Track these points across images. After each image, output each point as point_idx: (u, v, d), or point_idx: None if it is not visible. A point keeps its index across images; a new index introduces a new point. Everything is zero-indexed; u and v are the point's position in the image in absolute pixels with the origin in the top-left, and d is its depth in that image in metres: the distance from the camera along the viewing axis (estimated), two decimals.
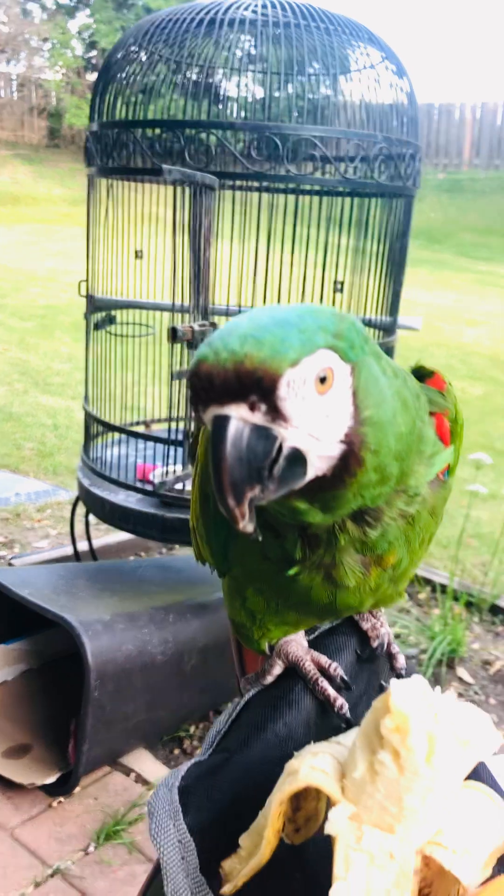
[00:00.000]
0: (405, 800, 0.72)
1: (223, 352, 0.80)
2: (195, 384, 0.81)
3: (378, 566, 0.99)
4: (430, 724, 0.72)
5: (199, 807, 0.92)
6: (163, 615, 3.58)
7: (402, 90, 3.55)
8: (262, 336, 0.80)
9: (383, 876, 0.71)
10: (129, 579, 3.97)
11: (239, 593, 1.10)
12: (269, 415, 0.80)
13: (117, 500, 3.64)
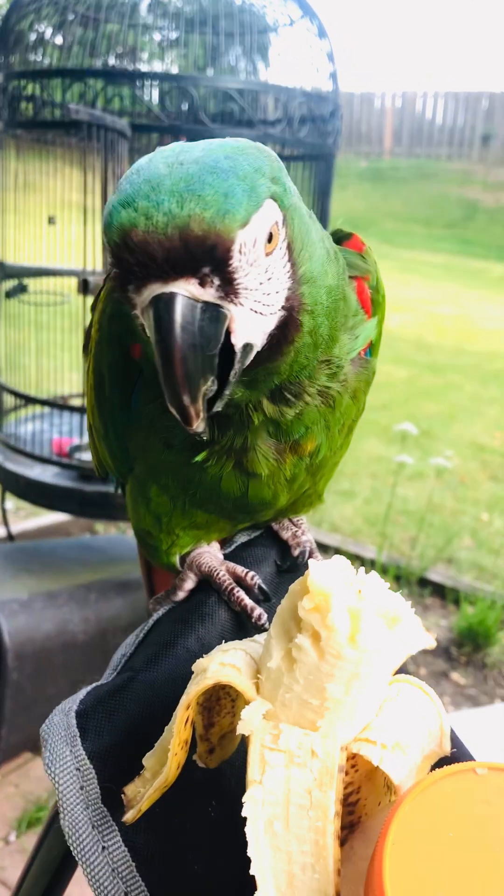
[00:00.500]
0: (327, 689, 0.62)
1: (158, 214, 0.64)
2: (124, 258, 0.66)
3: (294, 453, 0.90)
4: (352, 600, 0.62)
5: (99, 730, 0.81)
6: (84, 594, 3.45)
7: (322, 50, 3.47)
8: (202, 191, 0.65)
9: (304, 775, 0.62)
10: (48, 559, 3.81)
11: (143, 495, 0.99)
12: (222, 290, 0.68)
13: (33, 474, 3.47)
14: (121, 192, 0.67)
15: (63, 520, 5.08)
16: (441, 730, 0.71)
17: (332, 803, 0.61)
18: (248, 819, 0.61)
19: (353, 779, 0.67)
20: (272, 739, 0.63)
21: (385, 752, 0.64)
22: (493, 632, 4.09)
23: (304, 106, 3.23)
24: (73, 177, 3.54)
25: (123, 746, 0.80)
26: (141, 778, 0.73)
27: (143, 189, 0.66)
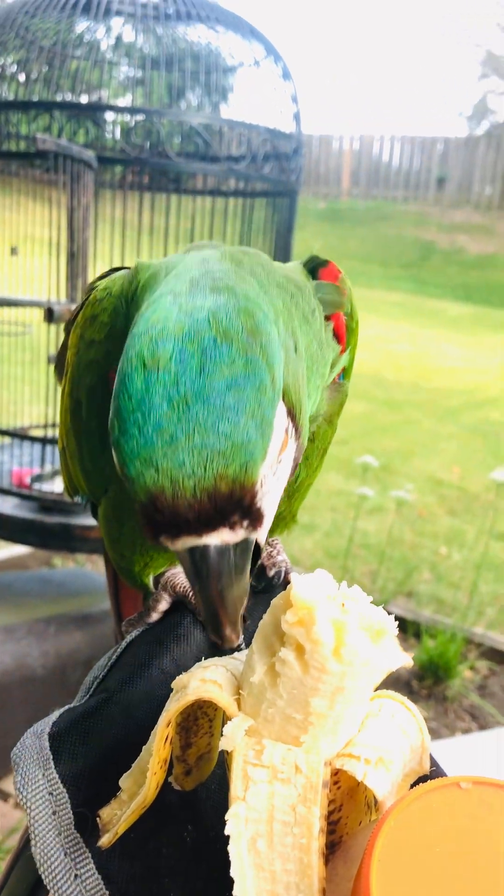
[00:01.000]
0: (311, 703, 0.62)
1: (183, 478, 0.63)
2: (155, 520, 0.65)
3: None
4: (336, 613, 0.62)
5: (73, 753, 0.79)
6: (43, 627, 3.39)
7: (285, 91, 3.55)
8: (221, 445, 0.62)
9: (288, 791, 0.61)
10: (5, 593, 3.74)
11: (117, 518, 0.98)
12: (250, 525, 0.68)
13: None
14: (131, 440, 0.65)
15: (20, 553, 4.99)
16: (422, 746, 0.70)
17: (317, 819, 0.60)
18: (231, 837, 0.60)
19: (336, 796, 0.66)
20: (255, 755, 0.62)
21: (369, 768, 0.63)
22: (454, 664, 4.10)
23: (268, 143, 3.29)
24: (37, 210, 3.55)
25: (98, 769, 0.78)
26: (117, 800, 0.71)
27: (157, 444, 0.64)
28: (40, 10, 3.14)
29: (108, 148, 3.28)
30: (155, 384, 0.65)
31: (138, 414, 0.65)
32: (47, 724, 0.83)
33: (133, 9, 3.23)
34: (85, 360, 0.94)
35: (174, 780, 0.76)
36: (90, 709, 0.83)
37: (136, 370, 0.66)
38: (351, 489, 6.32)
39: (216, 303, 0.68)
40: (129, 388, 0.66)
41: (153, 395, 0.64)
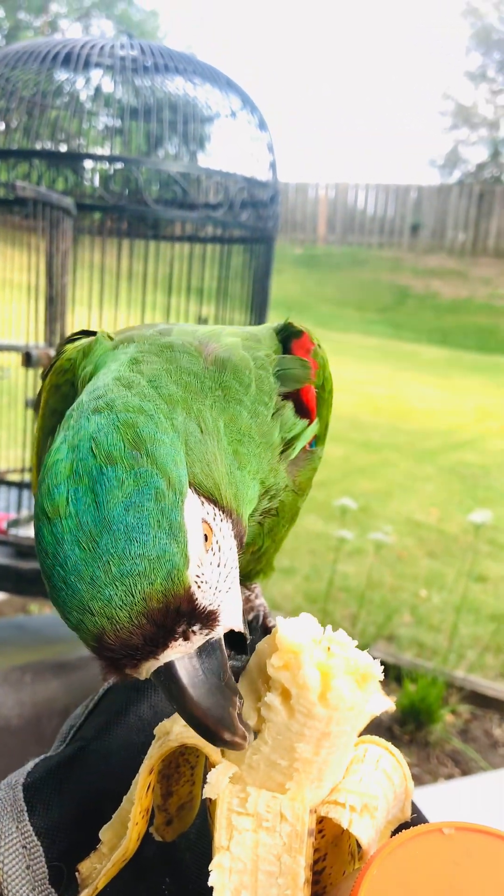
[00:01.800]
0: (297, 749, 0.61)
1: (117, 611, 0.62)
2: (107, 656, 0.64)
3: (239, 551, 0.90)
4: (322, 657, 0.62)
5: (48, 804, 0.77)
6: (18, 675, 3.32)
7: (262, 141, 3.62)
8: (137, 567, 0.62)
9: (273, 840, 0.60)
10: None
11: None
12: (205, 625, 0.66)
13: None
14: (60, 593, 0.65)
15: None
16: (406, 792, 0.69)
17: (302, 869, 0.59)
18: (215, 889, 0.58)
19: (320, 845, 0.65)
20: (239, 803, 0.61)
21: (354, 815, 0.62)
22: (436, 709, 4.07)
23: (245, 191, 3.35)
24: (15, 256, 3.57)
25: (74, 820, 0.76)
26: (97, 853, 0.69)
27: (81, 590, 0.63)
28: (21, 62, 3.19)
29: (87, 195, 3.32)
30: (62, 533, 0.64)
31: (57, 568, 0.64)
32: (22, 774, 0.81)
33: (112, 61, 3.29)
34: (49, 426, 0.95)
35: (155, 831, 0.74)
36: (66, 758, 0.81)
37: (44, 524, 0.66)
38: (330, 532, 6.32)
39: (97, 425, 0.68)
40: (44, 545, 0.66)
41: (64, 545, 0.64)
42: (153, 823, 0.74)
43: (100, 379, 0.76)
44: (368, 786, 0.65)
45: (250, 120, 3.58)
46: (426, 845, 0.62)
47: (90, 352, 0.88)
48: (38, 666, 3.43)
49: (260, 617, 1.03)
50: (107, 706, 0.88)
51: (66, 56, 3.15)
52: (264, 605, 1.04)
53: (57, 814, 0.76)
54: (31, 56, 3.14)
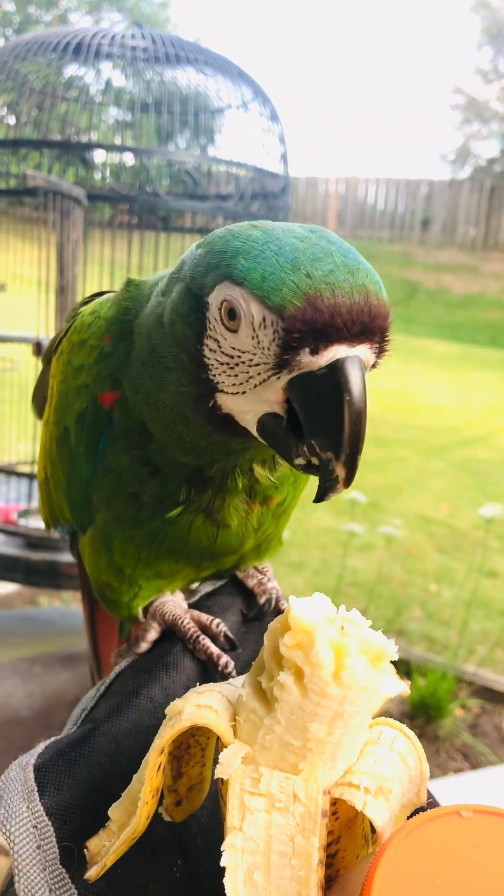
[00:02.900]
0: (310, 729, 0.60)
1: (341, 282, 0.68)
2: (310, 320, 0.68)
3: (264, 505, 0.93)
4: (335, 636, 0.61)
5: (58, 785, 0.76)
6: (28, 667, 3.33)
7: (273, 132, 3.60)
8: (362, 264, 0.72)
9: (286, 821, 0.59)
10: None
11: (105, 546, 0.96)
12: (379, 354, 0.73)
13: None
14: (268, 258, 0.71)
15: (5, 592, 4.94)
16: (421, 776, 0.68)
17: (316, 850, 0.58)
18: (228, 869, 0.57)
19: (334, 827, 0.64)
20: (252, 783, 0.60)
21: (368, 797, 0.61)
22: (445, 703, 4.05)
23: (256, 182, 3.33)
24: (25, 250, 3.57)
25: (84, 801, 0.76)
26: (106, 831, 0.69)
27: (306, 258, 0.69)
28: (30, 54, 3.18)
29: (97, 187, 3.31)
30: (280, 233, 0.73)
31: (270, 244, 0.72)
32: (32, 755, 0.80)
33: (122, 51, 3.28)
34: (73, 386, 0.94)
35: (165, 811, 0.74)
36: (76, 739, 0.81)
37: (247, 232, 0.75)
38: (339, 527, 6.30)
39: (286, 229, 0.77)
40: (251, 234, 0.74)
41: (284, 237, 0.72)
42: (163, 804, 0.73)
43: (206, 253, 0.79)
44: (383, 768, 0.64)
45: (262, 111, 3.56)
46: (444, 828, 0.61)
47: (132, 286, 0.93)
48: (47, 657, 3.44)
49: (273, 600, 1.02)
50: (118, 689, 0.88)
51: (77, 46, 3.14)
52: (277, 589, 1.04)
53: (68, 794, 0.76)
54: (42, 47, 3.13)
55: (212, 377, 0.77)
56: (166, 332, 0.80)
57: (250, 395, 0.76)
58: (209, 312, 0.76)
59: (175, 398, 0.81)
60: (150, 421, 0.85)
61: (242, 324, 0.73)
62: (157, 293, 0.84)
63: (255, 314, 0.72)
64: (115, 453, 0.91)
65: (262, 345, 0.73)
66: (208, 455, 0.84)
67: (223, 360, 0.76)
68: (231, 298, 0.73)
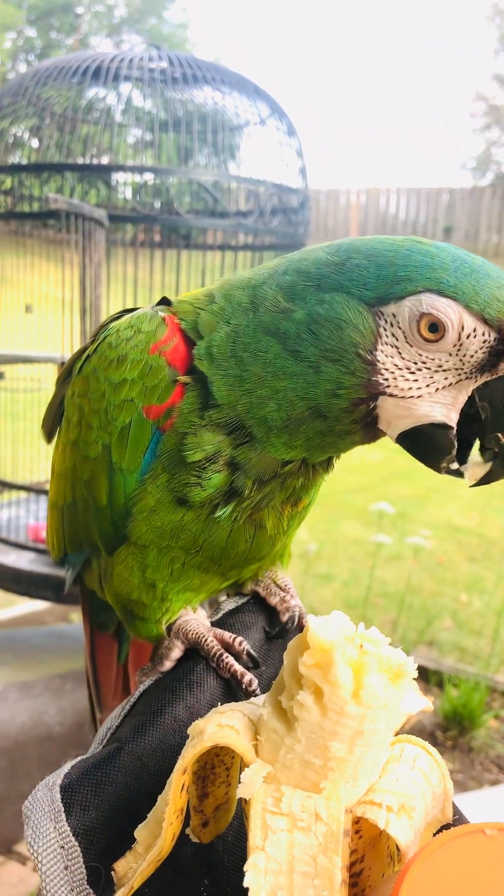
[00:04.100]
0: (331, 748, 0.60)
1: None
2: None
3: (294, 506, 0.97)
4: (354, 654, 0.61)
5: (84, 805, 0.77)
6: (60, 683, 3.35)
7: (291, 147, 3.62)
8: None
9: (308, 840, 0.59)
10: (22, 649, 3.71)
11: (139, 562, 0.98)
12: None
13: (8, 561, 3.41)
14: (476, 277, 0.82)
15: (37, 609, 4.97)
16: (445, 793, 0.68)
17: (339, 870, 0.58)
18: (251, 890, 0.58)
19: (357, 846, 0.64)
20: (274, 803, 0.60)
21: (391, 816, 0.61)
22: (478, 714, 4.01)
23: (275, 197, 3.35)
24: (50, 271, 3.62)
25: (111, 821, 0.76)
26: (133, 852, 0.69)
27: (498, 275, 0.82)
28: (51, 79, 3.24)
29: (119, 207, 3.35)
30: (440, 246, 0.87)
31: (457, 262, 0.83)
32: (59, 775, 0.81)
33: (141, 73, 3.32)
34: (115, 402, 0.95)
35: (191, 832, 0.74)
36: (102, 759, 0.82)
37: (425, 248, 0.85)
38: (368, 537, 6.27)
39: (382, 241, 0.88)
40: (430, 250, 0.84)
41: (451, 251, 0.85)
42: (189, 825, 0.74)
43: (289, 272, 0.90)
44: (405, 785, 0.64)
45: (279, 126, 3.59)
46: (468, 846, 0.61)
47: (188, 308, 0.97)
48: (78, 674, 3.46)
49: (296, 617, 1.03)
50: (142, 708, 0.88)
51: (97, 70, 3.18)
52: (300, 606, 1.04)
53: (94, 814, 0.77)
54: (62, 72, 3.18)
55: (383, 381, 0.84)
56: (303, 338, 0.86)
57: (426, 398, 0.85)
58: (383, 320, 0.84)
59: (308, 400, 0.87)
60: (257, 421, 0.90)
61: (449, 334, 0.82)
62: (269, 301, 0.89)
63: (465, 325, 0.81)
64: (168, 461, 0.93)
65: (463, 352, 0.83)
66: (318, 451, 0.91)
67: (402, 364, 0.84)
68: (436, 310, 0.81)
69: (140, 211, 3.01)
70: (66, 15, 28.53)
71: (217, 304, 0.94)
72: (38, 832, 0.74)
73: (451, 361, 0.83)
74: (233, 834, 0.79)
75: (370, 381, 0.84)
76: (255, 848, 0.59)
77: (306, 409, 0.87)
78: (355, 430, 0.88)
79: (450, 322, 0.81)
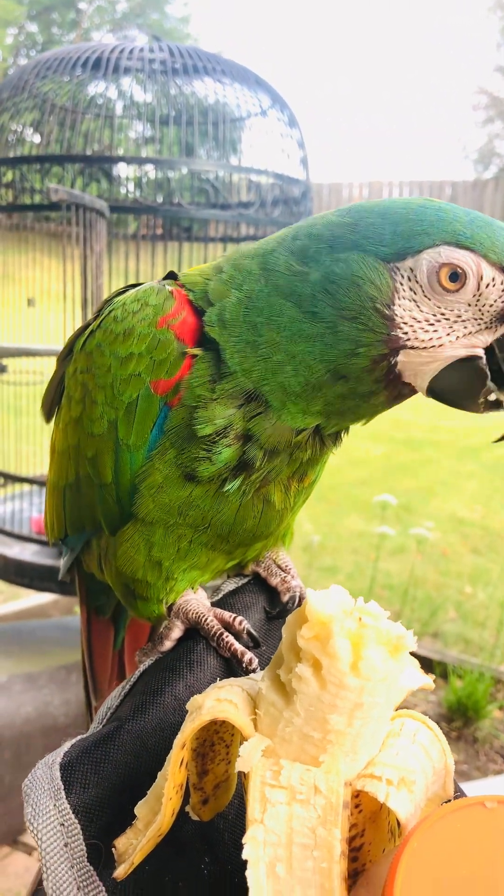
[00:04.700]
0: (330, 721, 0.60)
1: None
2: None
3: (300, 482, 0.96)
4: (353, 627, 0.61)
5: (84, 783, 0.77)
6: (64, 675, 3.36)
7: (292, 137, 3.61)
8: None
9: (307, 813, 0.59)
10: (27, 641, 3.72)
11: (145, 540, 0.97)
12: None
13: (12, 553, 3.42)
14: (492, 230, 0.84)
15: (42, 602, 4.98)
16: (446, 768, 0.68)
17: (338, 842, 0.58)
18: (249, 862, 0.57)
19: (358, 820, 0.64)
20: (273, 776, 0.60)
21: (391, 789, 0.61)
22: (483, 705, 4.01)
23: (277, 188, 3.35)
24: (52, 266, 3.62)
25: (111, 799, 0.76)
26: (133, 829, 0.69)
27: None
28: (51, 71, 3.23)
29: (121, 200, 3.35)
30: (450, 205, 0.87)
31: (471, 216, 0.85)
32: (59, 754, 0.81)
33: (142, 65, 3.31)
34: (121, 377, 0.94)
35: (191, 810, 0.74)
36: (102, 738, 0.81)
37: (438, 204, 0.86)
38: (371, 530, 6.27)
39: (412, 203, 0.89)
40: (443, 206, 0.86)
41: (461, 209, 0.86)
42: (189, 802, 0.74)
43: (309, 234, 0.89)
44: (405, 759, 0.64)
45: (280, 117, 3.58)
46: (468, 819, 0.61)
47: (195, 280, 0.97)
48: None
49: (296, 598, 1.03)
50: (142, 687, 0.88)
51: (97, 61, 3.18)
52: (301, 586, 1.04)
53: (94, 792, 0.76)
54: (63, 63, 3.17)
55: (402, 334, 0.85)
56: (319, 299, 0.86)
57: (448, 346, 0.85)
58: (400, 275, 0.84)
59: (328, 362, 0.87)
60: (272, 388, 0.89)
61: (469, 283, 0.84)
62: (282, 265, 0.90)
63: (485, 274, 0.83)
64: (176, 435, 0.93)
65: (483, 302, 0.84)
66: (337, 418, 0.92)
67: (421, 317, 0.85)
68: (456, 260, 0.83)
69: (142, 203, 3.01)
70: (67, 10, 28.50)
71: (226, 273, 0.94)
72: (38, 810, 0.74)
73: (469, 311, 0.85)
74: (234, 812, 0.79)
75: (390, 336, 0.85)
76: (253, 821, 0.59)
77: (325, 372, 0.87)
78: (378, 390, 0.89)
79: (470, 270, 0.83)
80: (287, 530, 1.08)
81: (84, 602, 1.28)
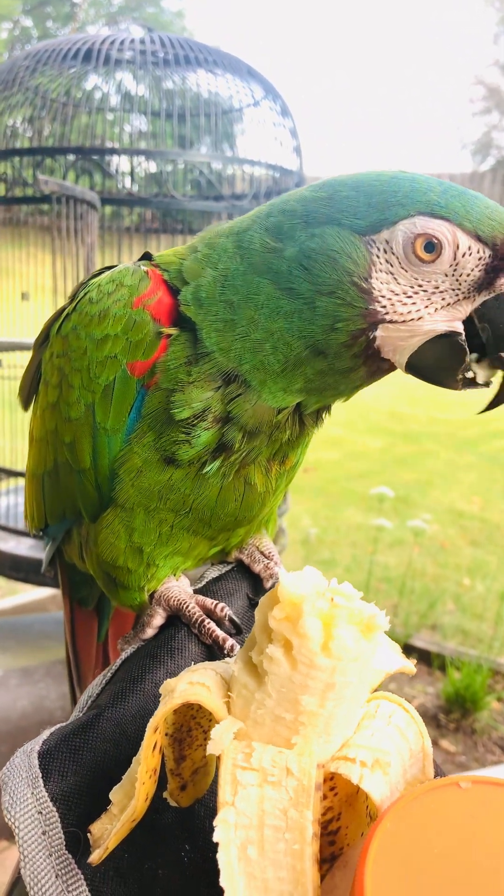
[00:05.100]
0: (301, 701, 0.59)
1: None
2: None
3: (281, 465, 0.96)
4: (324, 607, 0.60)
5: (63, 771, 0.76)
6: (61, 669, 3.35)
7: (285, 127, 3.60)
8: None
9: (278, 795, 0.58)
10: (23, 635, 3.71)
11: (125, 526, 0.96)
12: None
13: (7, 547, 3.41)
14: (466, 199, 0.84)
15: (39, 597, 4.98)
16: (423, 751, 0.67)
17: (310, 824, 0.57)
18: (220, 845, 0.57)
19: (333, 803, 0.63)
20: (244, 758, 0.59)
21: (364, 771, 0.60)
22: (481, 696, 4.01)
23: (271, 178, 3.33)
24: (46, 261, 3.60)
25: (89, 787, 0.75)
26: (108, 814, 0.68)
27: (483, 198, 0.85)
28: (42, 63, 3.21)
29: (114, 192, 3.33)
30: (424, 176, 0.86)
31: (445, 185, 0.84)
32: (37, 742, 0.80)
33: (133, 56, 3.30)
34: (97, 359, 0.93)
35: (169, 796, 0.73)
36: (81, 725, 0.81)
37: (411, 175, 0.85)
38: (369, 523, 6.27)
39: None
40: (416, 177, 0.85)
41: (434, 180, 0.85)
42: (167, 789, 0.73)
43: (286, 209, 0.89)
44: (380, 741, 0.63)
45: (272, 107, 3.56)
46: (442, 799, 0.60)
47: (171, 260, 0.96)
48: None
49: None
50: (123, 675, 0.88)
51: (88, 52, 3.16)
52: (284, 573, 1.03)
53: (72, 780, 0.76)
54: (54, 55, 3.15)
55: (381, 308, 0.84)
56: (296, 275, 0.85)
57: (427, 319, 0.85)
58: (376, 248, 0.84)
59: (306, 339, 0.86)
60: (251, 367, 0.89)
61: (445, 253, 0.83)
62: (257, 243, 0.89)
63: (461, 243, 0.83)
64: (154, 418, 0.92)
65: (459, 271, 0.84)
66: (317, 395, 0.91)
67: (399, 290, 0.85)
68: (432, 230, 0.83)
69: (135, 195, 2.99)
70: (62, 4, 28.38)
71: (201, 252, 0.93)
72: (16, 798, 0.73)
73: (447, 282, 0.85)
74: (214, 799, 0.78)
75: (368, 310, 0.84)
76: (224, 803, 0.58)
77: (304, 349, 0.86)
78: (357, 366, 0.87)
79: (446, 239, 0.83)
80: (270, 516, 1.07)
81: (67, 594, 1.28)
